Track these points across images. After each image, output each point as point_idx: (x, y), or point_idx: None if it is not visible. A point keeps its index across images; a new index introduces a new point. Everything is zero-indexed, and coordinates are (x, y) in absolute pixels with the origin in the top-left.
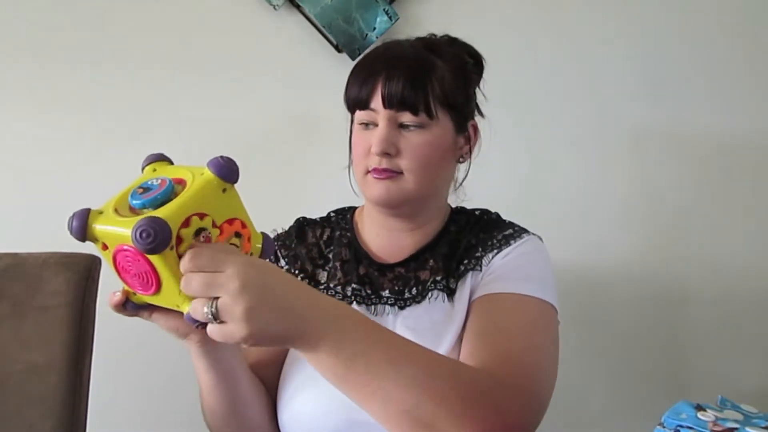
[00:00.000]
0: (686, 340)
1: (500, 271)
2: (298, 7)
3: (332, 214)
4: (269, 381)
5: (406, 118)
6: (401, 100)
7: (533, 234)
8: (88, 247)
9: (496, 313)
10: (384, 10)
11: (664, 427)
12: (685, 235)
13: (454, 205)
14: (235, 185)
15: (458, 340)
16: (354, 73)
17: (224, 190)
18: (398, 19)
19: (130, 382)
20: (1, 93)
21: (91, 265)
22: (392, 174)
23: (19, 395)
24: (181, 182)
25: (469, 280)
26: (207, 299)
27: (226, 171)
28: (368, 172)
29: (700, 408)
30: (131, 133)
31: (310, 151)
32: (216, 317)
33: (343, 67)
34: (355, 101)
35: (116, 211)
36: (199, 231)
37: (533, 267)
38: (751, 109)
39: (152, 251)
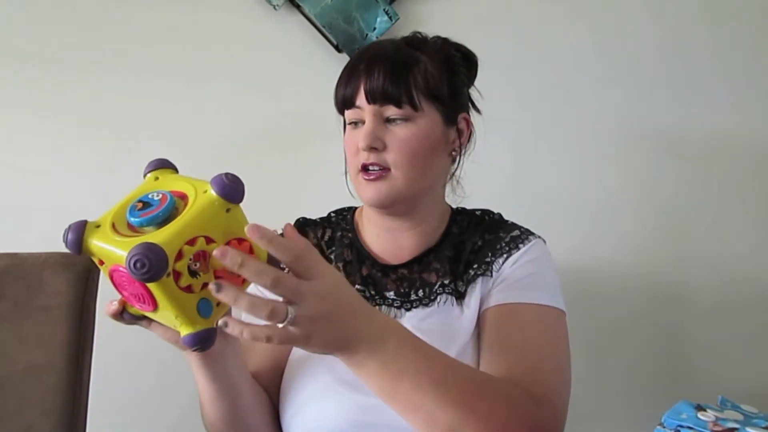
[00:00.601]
0: (686, 340)
1: (512, 279)
2: (298, 7)
3: (332, 215)
4: (271, 387)
5: (391, 111)
6: (383, 94)
7: (538, 236)
8: None
9: (517, 326)
10: (384, 10)
11: (664, 427)
12: (685, 234)
13: (454, 206)
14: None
15: (468, 344)
16: (340, 76)
17: (228, 210)
18: (398, 19)
19: (129, 382)
20: (2, 95)
21: (91, 265)
22: (380, 174)
23: (19, 395)
24: (184, 197)
25: (480, 285)
26: (288, 304)
27: (230, 191)
28: (359, 171)
29: (700, 408)
30: (131, 132)
31: (310, 151)
32: (293, 321)
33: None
34: (342, 101)
35: (114, 226)
36: (198, 254)
37: (544, 274)
38: (743, 107)
39: (147, 281)
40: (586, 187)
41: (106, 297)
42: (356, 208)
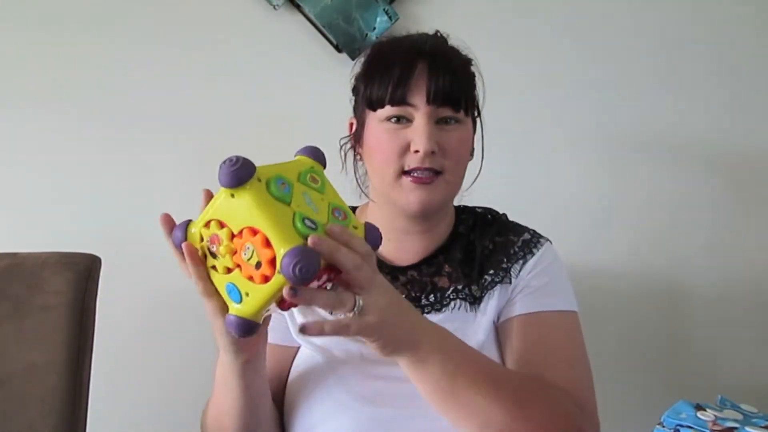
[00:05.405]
0: (686, 339)
1: (533, 287)
2: (298, 7)
3: None
4: (276, 398)
5: (447, 113)
6: (448, 95)
7: (546, 239)
8: (88, 247)
9: (546, 334)
10: (384, 10)
11: (663, 426)
12: (685, 234)
13: (455, 203)
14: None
15: (481, 350)
16: (378, 67)
17: (233, 195)
18: (398, 19)
19: (130, 382)
20: (2, 93)
21: (91, 265)
22: (433, 177)
23: (19, 395)
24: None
25: (498, 292)
26: (355, 294)
27: (226, 178)
28: (403, 174)
29: (699, 408)
30: (130, 131)
31: None
32: (362, 310)
33: (342, 67)
34: (389, 97)
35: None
36: (213, 238)
37: (561, 279)
38: (745, 111)
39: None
40: (586, 189)
41: (107, 297)
42: (356, 207)
